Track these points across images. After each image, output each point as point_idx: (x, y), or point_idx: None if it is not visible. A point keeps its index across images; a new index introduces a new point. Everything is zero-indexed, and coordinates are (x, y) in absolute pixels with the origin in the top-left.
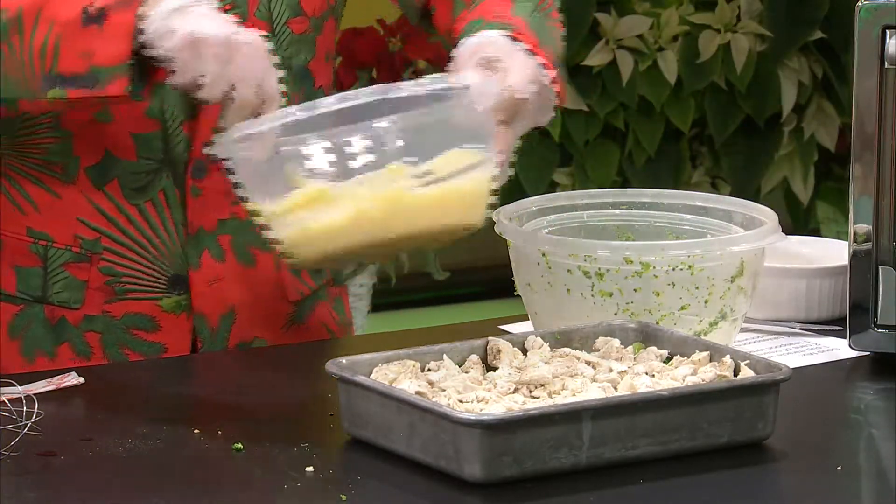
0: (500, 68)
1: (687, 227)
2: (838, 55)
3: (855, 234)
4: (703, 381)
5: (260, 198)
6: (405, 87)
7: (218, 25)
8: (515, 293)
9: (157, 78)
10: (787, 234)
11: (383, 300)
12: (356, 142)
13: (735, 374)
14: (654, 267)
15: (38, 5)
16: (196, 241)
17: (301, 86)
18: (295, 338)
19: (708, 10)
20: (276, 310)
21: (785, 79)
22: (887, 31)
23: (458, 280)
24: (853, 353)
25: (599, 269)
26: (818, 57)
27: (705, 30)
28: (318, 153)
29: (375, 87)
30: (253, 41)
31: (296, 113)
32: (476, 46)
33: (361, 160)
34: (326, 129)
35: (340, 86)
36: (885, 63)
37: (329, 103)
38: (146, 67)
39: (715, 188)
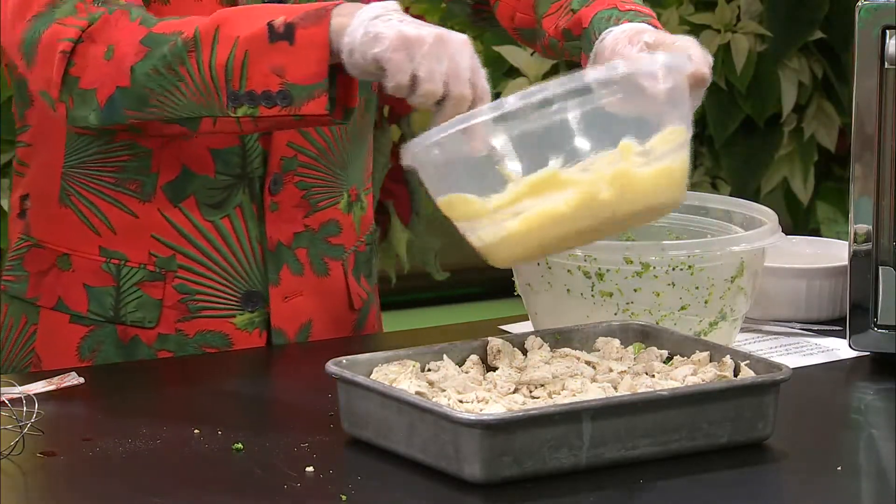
0: (674, 50)
1: (687, 227)
2: (838, 55)
3: (855, 234)
4: (703, 381)
5: (474, 192)
6: (596, 73)
7: (422, 26)
8: (515, 293)
9: (350, 101)
10: (787, 234)
11: (383, 300)
12: (578, 122)
13: (735, 375)
14: (654, 267)
15: (214, 24)
16: (275, 257)
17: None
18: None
19: (708, 10)
20: (344, 319)
21: (785, 79)
22: (887, 31)
23: (458, 280)
24: (853, 353)
25: (599, 269)
26: (818, 57)
27: (705, 30)
28: (539, 138)
29: (562, 79)
30: (460, 38)
31: (487, 111)
32: (633, 33)
33: (586, 142)
34: (544, 112)
35: None
36: (885, 63)
37: (515, 100)
38: (338, 87)
39: (715, 188)
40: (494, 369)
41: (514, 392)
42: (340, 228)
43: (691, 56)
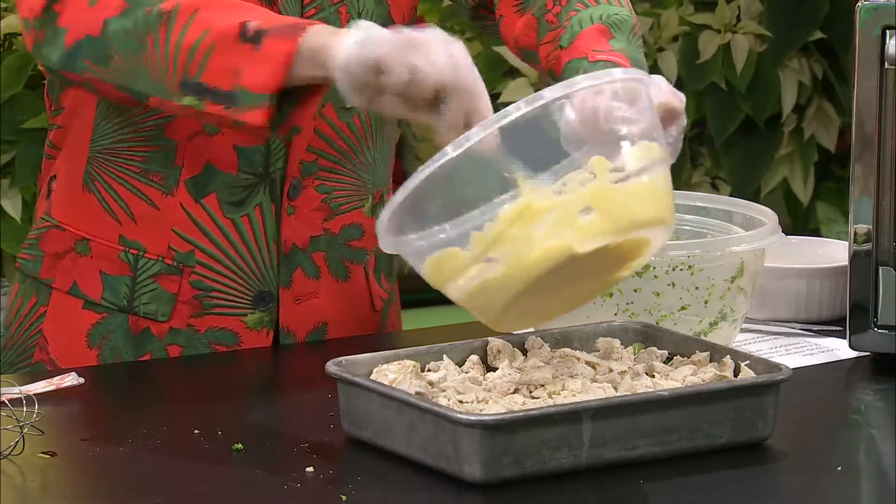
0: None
1: (687, 228)
2: (838, 55)
3: (855, 234)
4: (704, 381)
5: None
6: (552, 91)
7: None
8: None
9: (300, 121)
10: (787, 234)
11: None
12: (540, 145)
13: (735, 375)
14: (654, 267)
15: (196, 6)
16: (288, 260)
17: None
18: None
19: (708, 10)
20: (366, 321)
21: (785, 79)
22: (887, 32)
23: None
24: (853, 354)
25: None
26: (818, 57)
27: (705, 30)
28: (503, 168)
29: (517, 104)
30: (457, 40)
31: (451, 149)
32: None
33: (551, 166)
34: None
35: None
36: (885, 63)
37: (514, 109)
38: (290, 104)
39: (715, 188)
40: (494, 369)
41: (514, 392)
42: (363, 232)
43: (661, 88)
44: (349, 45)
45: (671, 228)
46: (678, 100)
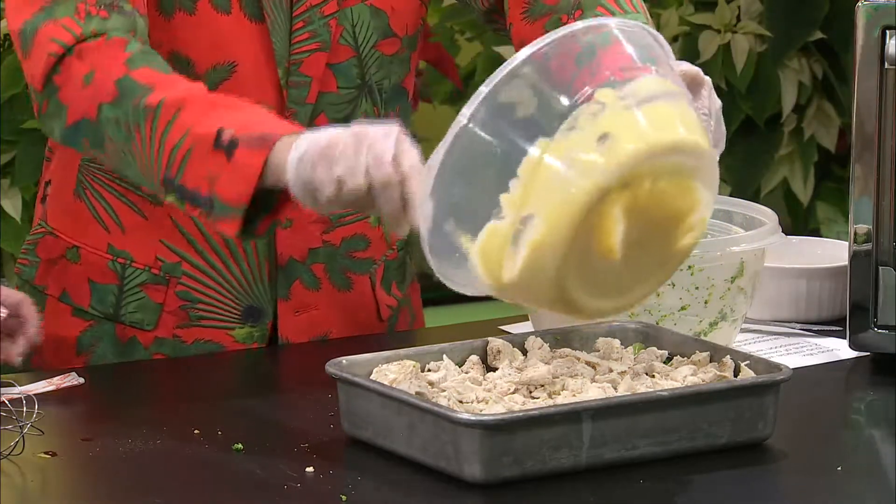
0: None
1: None
2: (838, 55)
3: (855, 234)
4: (704, 381)
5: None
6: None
7: (342, 130)
8: None
9: (275, 217)
10: (787, 234)
11: None
12: (543, 91)
13: (735, 375)
14: None
15: (178, 104)
16: (286, 272)
17: (396, 104)
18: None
19: (708, 10)
20: (370, 329)
21: (785, 79)
22: (887, 32)
23: None
24: (853, 353)
25: None
26: (818, 57)
27: (705, 30)
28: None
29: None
30: (382, 129)
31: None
32: None
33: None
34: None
35: None
36: (885, 63)
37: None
38: (265, 206)
39: None
40: (494, 369)
41: (513, 392)
42: (368, 242)
43: (681, 64)
44: (291, 164)
45: (711, 160)
46: (695, 68)
